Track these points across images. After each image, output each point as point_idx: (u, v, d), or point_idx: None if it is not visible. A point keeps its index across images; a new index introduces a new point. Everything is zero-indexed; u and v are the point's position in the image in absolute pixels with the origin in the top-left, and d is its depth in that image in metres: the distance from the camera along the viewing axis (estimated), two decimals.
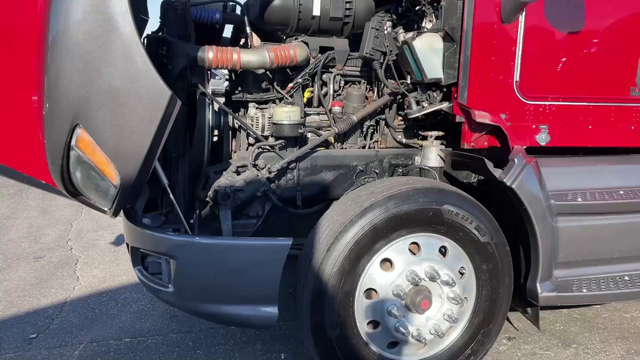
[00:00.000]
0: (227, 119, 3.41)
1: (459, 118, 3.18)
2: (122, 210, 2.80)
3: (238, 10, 3.69)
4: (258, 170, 3.21)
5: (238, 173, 3.21)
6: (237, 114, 3.50)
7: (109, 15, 2.19)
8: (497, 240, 2.86)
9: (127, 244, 2.98)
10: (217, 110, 3.51)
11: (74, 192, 2.66)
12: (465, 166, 3.42)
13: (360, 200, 2.70)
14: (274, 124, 3.22)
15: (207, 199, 3.11)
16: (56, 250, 5.18)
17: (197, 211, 3.18)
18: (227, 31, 3.83)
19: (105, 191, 2.52)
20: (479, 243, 2.82)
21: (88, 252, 5.14)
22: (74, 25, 2.21)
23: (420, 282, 2.73)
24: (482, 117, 3.08)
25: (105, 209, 2.66)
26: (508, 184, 2.86)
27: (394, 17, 3.84)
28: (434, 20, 3.47)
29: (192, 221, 3.18)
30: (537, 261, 2.96)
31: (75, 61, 2.22)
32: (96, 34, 2.20)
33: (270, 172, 3.19)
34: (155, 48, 2.95)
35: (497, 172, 2.94)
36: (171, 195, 2.78)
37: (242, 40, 3.73)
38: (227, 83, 3.84)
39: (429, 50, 3.18)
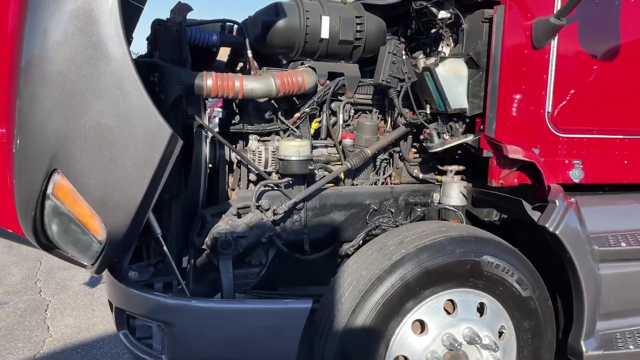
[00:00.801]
0: (224, 152, 3.01)
1: (487, 153, 2.86)
2: None
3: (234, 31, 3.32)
4: (262, 212, 2.82)
5: (239, 216, 2.81)
6: (235, 147, 3.10)
7: (96, 38, 1.79)
8: (540, 294, 2.52)
9: (110, 302, 2.53)
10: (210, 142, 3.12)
11: (48, 245, 2.22)
12: (494, 206, 3.09)
13: (388, 251, 2.33)
14: (280, 159, 2.84)
15: (204, 246, 2.70)
16: (23, 294, 4.65)
17: (192, 260, 2.76)
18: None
19: (87, 247, 2.09)
20: (520, 298, 2.47)
21: (60, 296, 4.62)
22: (53, 49, 1.80)
23: (457, 346, 2.35)
24: (515, 152, 2.76)
25: (87, 265, 2.23)
26: (551, 229, 2.53)
27: (402, 40, 3.54)
28: (452, 44, 3.16)
29: (185, 270, 2.77)
30: (581, 315, 2.63)
31: (53, 92, 1.82)
32: (81, 61, 1.80)
33: (275, 214, 2.80)
34: (146, 74, 2.55)
35: (536, 216, 2.62)
36: (165, 248, 2.36)
37: (240, 65, 3.36)
38: (220, 111, 3.45)
39: (453, 78, 2.86)
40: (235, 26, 3.21)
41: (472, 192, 3.07)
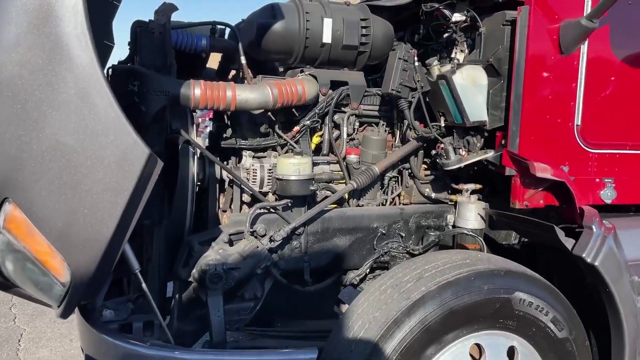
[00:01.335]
0: (214, 169, 2.68)
1: (509, 171, 2.55)
2: None
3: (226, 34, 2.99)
4: (257, 238, 2.48)
5: (231, 243, 2.48)
6: (226, 164, 2.77)
7: (55, 39, 1.46)
8: (577, 335, 2.20)
9: (82, 348, 2.18)
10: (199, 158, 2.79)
11: (4, 284, 1.88)
12: (517, 229, 2.77)
13: (406, 289, 2.00)
14: (277, 179, 2.51)
15: (191, 278, 2.36)
16: None
17: (177, 295, 2.41)
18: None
19: (48, 288, 1.75)
20: (555, 340, 2.15)
21: (35, 323, 4.24)
22: (2, 53, 1.47)
23: None
24: (543, 170, 2.45)
25: (52, 305, 1.89)
26: (588, 260, 2.21)
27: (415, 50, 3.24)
28: (466, 50, 2.86)
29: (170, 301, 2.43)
30: (621, 356, 2.31)
31: (2, 105, 1.48)
32: (36, 66, 1.47)
33: (272, 242, 2.47)
34: (124, 83, 2.22)
35: (569, 244, 2.30)
36: (144, 285, 2.02)
37: (232, 73, 3.03)
38: (210, 123, 3.12)
39: (471, 87, 2.56)
40: (227, 29, 2.89)
41: (492, 214, 2.75)
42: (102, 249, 1.62)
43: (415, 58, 2.66)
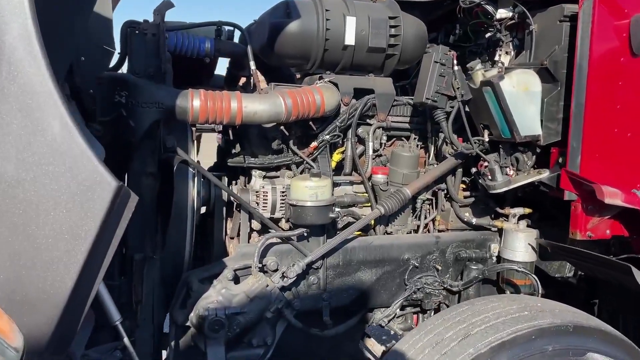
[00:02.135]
0: (220, 191, 2.33)
1: (569, 195, 2.13)
2: None
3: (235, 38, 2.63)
4: (267, 274, 2.11)
5: (237, 280, 2.11)
6: (234, 185, 2.42)
7: None
8: None
9: None
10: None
11: None
12: (577, 264, 2.35)
13: (450, 350, 1.59)
14: (291, 205, 2.13)
15: (189, 323, 2.00)
16: None
17: (173, 341, 2.05)
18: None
19: (0, 353, 1.39)
20: None
21: None
22: None
23: None
24: (613, 196, 2.03)
25: None
26: None
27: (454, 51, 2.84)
28: (512, 52, 2.45)
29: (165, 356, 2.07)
30: None
31: None
32: None
33: (285, 279, 2.09)
34: (111, 93, 1.88)
35: None
36: (125, 340, 1.66)
37: (242, 80, 2.67)
38: (219, 136, 2.76)
39: (522, 95, 2.15)
40: (237, 32, 2.53)
41: (546, 246, 2.32)
42: (61, 306, 1.27)
43: (455, 61, 2.26)
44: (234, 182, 2.46)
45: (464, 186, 2.63)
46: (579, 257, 2.17)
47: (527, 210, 2.48)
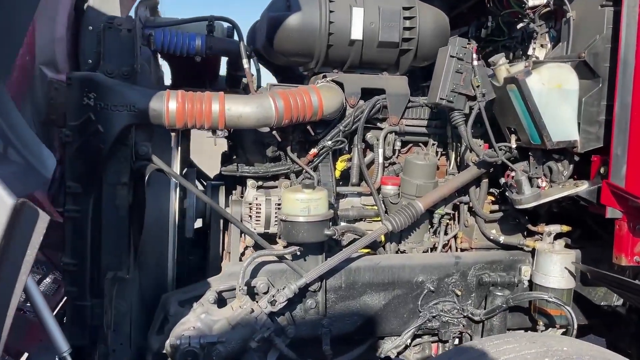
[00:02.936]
0: (217, 203, 2.13)
1: (612, 212, 1.79)
2: None
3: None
4: (259, 296, 1.88)
5: (221, 303, 1.88)
6: (229, 198, 2.20)
7: None
8: None
9: None
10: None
11: None
12: (627, 297, 1.99)
13: None
14: (281, 220, 1.89)
15: (165, 351, 1.79)
16: None
17: None
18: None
19: None
20: None
21: None
22: None
23: None
24: None
25: None
26: None
27: (475, 43, 2.53)
28: (549, 44, 2.12)
29: None
30: None
31: None
32: None
33: (274, 304, 1.85)
34: (79, 95, 1.71)
35: None
36: None
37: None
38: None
39: (555, 94, 1.83)
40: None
41: (586, 271, 1.97)
42: None
43: (474, 55, 1.95)
44: (230, 193, 2.25)
45: (493, 199, 2.30)
46: (622, 286, 1.81)
47: (565, 228, 2.13)
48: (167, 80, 2.62)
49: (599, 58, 1.82)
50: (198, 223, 2.24)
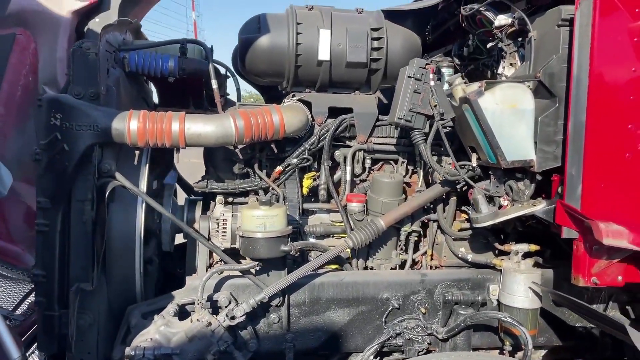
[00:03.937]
0: (193, 215, 2.21)
1: (568, 232, 1.78)
2: None
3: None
4: (218, 311, 1.92)
5: (185, 316, 1.94)
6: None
7: None
8: None
9: None
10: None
11: None
12: (586, 318, 1.96)
13: None
14: (239, 236, 1.94)
15: None
16: None
17: None
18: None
19: None
20: None
21: None
22: None
23: None
24: (616, 235, 1.65)
25: None
26: None
27: (457, 61, 2.55)
28: (518, 63, 2.13)
29: None
30: None
31: None
32: None
33: (232, 318, 1.89)
34: (47, 115, 1.81)
35: None
36: None
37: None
38: None
39: (509, 114, 1.83)
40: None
41: (547, 293, 1.95)
42: None
43: (431, 75, 1.97)
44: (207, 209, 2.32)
45: (466, 217, 2.30)
46: (580, 308, 1.79)
47: (534, 247, 2.11)
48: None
49: (554, 78, 1.81)
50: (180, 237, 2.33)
